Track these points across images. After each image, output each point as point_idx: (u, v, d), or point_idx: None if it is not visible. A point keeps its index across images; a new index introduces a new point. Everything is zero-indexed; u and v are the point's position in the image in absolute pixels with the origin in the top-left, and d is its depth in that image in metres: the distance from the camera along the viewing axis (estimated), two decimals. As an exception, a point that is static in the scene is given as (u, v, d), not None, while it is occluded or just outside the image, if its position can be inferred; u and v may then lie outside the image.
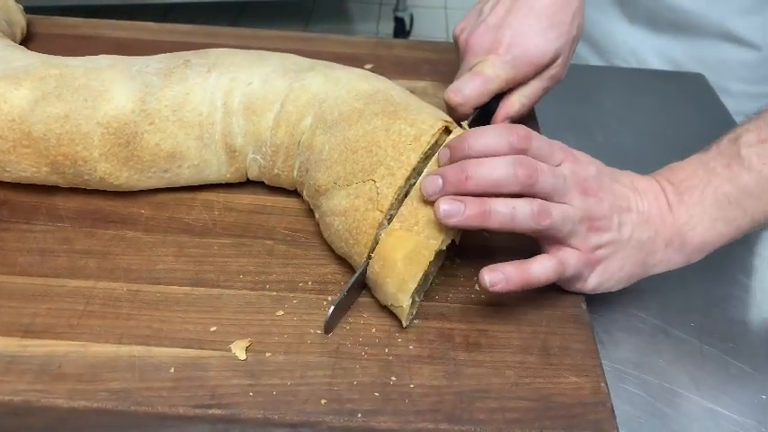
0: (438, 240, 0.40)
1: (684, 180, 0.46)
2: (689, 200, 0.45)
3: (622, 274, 0.45)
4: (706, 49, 0.76)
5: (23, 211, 0.48)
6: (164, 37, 0.68)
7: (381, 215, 0.42)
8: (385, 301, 0.42)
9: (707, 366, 0.46)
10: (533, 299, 0.44)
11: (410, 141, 0.43)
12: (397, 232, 0.41)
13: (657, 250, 0.45)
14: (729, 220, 0.45)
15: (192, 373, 0.38)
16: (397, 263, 0.40)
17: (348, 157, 0.44)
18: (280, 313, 0.42)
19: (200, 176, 0.50)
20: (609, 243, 0.43)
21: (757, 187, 0.44)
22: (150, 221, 0.48)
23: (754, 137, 0.45)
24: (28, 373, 0.37)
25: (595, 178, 0.43)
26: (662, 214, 0.45)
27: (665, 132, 0.69)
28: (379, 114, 0.45)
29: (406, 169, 0.42)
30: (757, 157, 0.44)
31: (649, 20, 0.77)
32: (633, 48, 0.80)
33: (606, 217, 0.43)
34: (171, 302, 0.42)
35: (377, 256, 0.41)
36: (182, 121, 0.47)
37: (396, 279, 0.40)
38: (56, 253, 0.45)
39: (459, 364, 0.40)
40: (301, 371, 0.38)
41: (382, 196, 0.42)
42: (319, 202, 0.46)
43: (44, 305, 0.41)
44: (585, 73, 0.77)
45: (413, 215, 0.41)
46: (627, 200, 0.44)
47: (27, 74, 0.47)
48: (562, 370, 0.40)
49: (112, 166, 0.47)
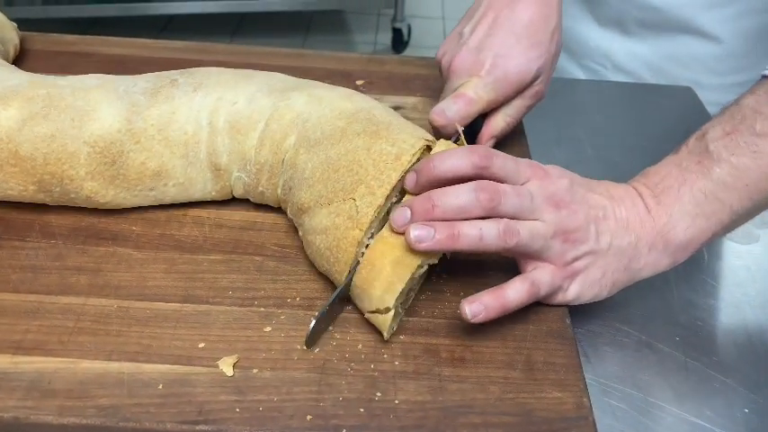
0: None
1: (660, 183, 0.46)
2: (666, 200, 0.45)
3: (605, 282, 0.45)
4: (675, 45, 0.77)
5: (17, 228, 0.48)
6: (159, 53, 0.69)
7: (361, 233, 0.42)
8: (370, 306, 0.42)
9: (691, 380, 0.46)
10: (518, 314, 0.44)
11: (391, 160, 0.44)
12: (386, 239, 0.42)
13: (641, 255, 0.45)
14: (708, 214, 0.45)
15: (180, 389, 0.38)
16: (386, 267, 0.41)
17: (330, 175, 0.45)
18: (267, 329, 0.42)
19: (186, 194, 0.50)
20: (586, 254, 0.44)
21: (730, 177, 0.45)
22: (141, 238, 0.48)
23: (719, 131, 0.46)
24: (18, 390, 0.38)
25: (567, 191, 0.44)
26: (641, 219, 0.45)
27: (654, 146, 0.69)
28: (360, 134, 0.46)
29: (386, 188, 0.43)
30: (725, 149, 0.45)
31: (619, 21, 0.78)
32: (605, 50, 0.81)
33: (581, 228, 0.43)
34: (160, 319, 0.43)
35: (365, 262, 0.42)
36: (167, 140, 0.48)
37: (383, 282, 0.41)
38: (48, 270, 0.45)
39: (444, 379, 0.40)
40: (287, 387, 0.39)
41: (362, 215, 0.43)
42: (302, 220, 0.47)
43: (35, 322, 0.42)
44: (574, 87, 0.78)
45: None
46: (603, 209, 0.45)
47: (15, 94, 0.48)
48: (545, 385, 0.40)
49: (99, 185, 0.48)
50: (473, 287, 0.46)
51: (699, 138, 0.47)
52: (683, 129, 0.72)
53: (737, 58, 0.77)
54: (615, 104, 0.76)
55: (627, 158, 0.67)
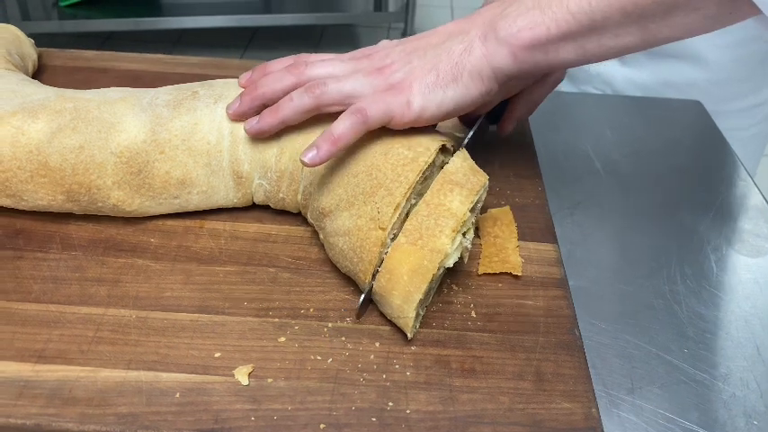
0: (441, 254, 0.42)
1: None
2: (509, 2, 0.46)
3: (444, 79, 0.46)
4: (674, 72, 0.78)
5: (38, 239, 0.50)
6: (174, 69, 0.70)
7: (384, 233, 0.44)
8: (391, 313, 0.44)
9: (699, 392, 0.46)
10: (527, 326, 0.45)
11: (408, 162, 0.45)
12: (402, 246, 0.43)
13: (472, 46, 0.45)
14: (544, 7, 0.44)
15: (197, 397, 0.39)
16: (403, 276, 0.42)
17: (350, 180, 0.46)
18: (282, 339, 0.43)
19: (209, 202, 0.52)
20: (401, 69, 0.46)
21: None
22: (159, 249, 0.50)
23: None
24: (40, 398, 0.39)
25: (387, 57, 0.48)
26: (472, 19, 0.47)
27: (663, 159, 0.70)
28: (377, 140, 0.47)
29: (404, 187, 0.44)
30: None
31: None
32: (605, 77, 0.81)
33: (394, 62, 0.47)
34: (177, 329, 0.44)
35: (384, 270, 0.43)
36: (191, 150, 0.50)
37: (401, 291, 0.42)
38: (68, 281, 0.47)
39: (455, 390, 0.41)
40: (301, 396, 0.40)
41: (383, 215, 0.44)
42: (323, 223, 0.48)
43: (56, 331, 0.43)
44: (583, 101, 0.79)
45: (417, 230, 0.43)
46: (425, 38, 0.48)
47: (43, 107, 0.50)
48: (555, 396, 0.41)
49: (125, 194, 0.49)
50: (484, 299, 0.47)
51: None
52: (692, 142, 0.73)
53: (738, 83, 0.77)
54: (623, 118, 0.76)
55: (636, 172, 0.67)
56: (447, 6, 2.71)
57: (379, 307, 0.45)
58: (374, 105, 0.45)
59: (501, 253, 0.50)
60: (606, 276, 0.54)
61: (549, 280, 0.49)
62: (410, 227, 0.43)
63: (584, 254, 0.56)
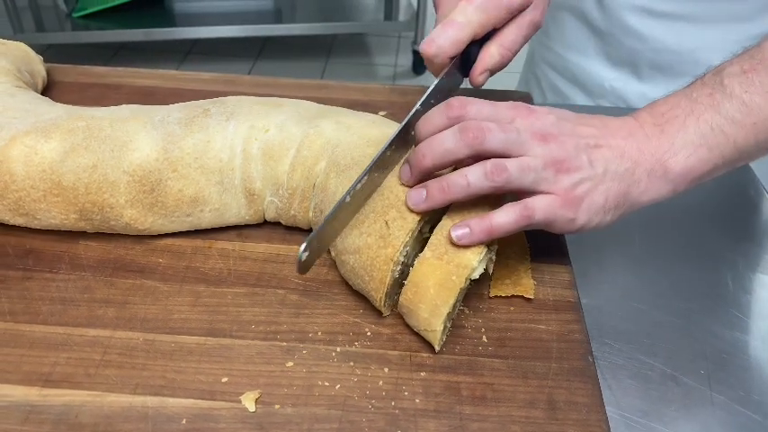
0: (468, 269, 0.42)
1: (666, 112, 0.46)
2: (670, 129, 0.45)
3: (608, 207, 0.45)
4: None
5: (47, 259, 0.50)
6: (186, 85, 0.70)
7: (394, 251, 0.43)
8: (417, 326, 0.43)
9: (717, 414, 0.45)
10: (540, 351, 0.44)
11: None
12: (428, 260, 0.43)
13: (640, 180, 0.45)
14: (712, 146, 0.45)
15: (204, 424, 0.39)
16: (430, 289, 0.42)
17: None
18: (289, 364, 0.43)
19: (221, 219, 0.52)
20: (584, 180, 0.44)
21: (739, 114, 0.45)
22: (168, 270, 0.49)
23: (737, 68, 0.46)
24: (46, 423, 0.39)
25: (554, 125, 0.44)
26: (639, 146, 0.45)
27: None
28: None
29: (417, 213, 0.44)
30: (739, 85, 0.45)
31: (632, 63, 0.78)
32: (620, 92, 0.81)
33: (572, 157, 0.43)
34: (185, 352, 0.43)
35: (410, 284, 0.43)
36: (203, 168, 0.49)
37: (429, 304, 0.42)
38: (77, 302, 0.46)
39: (465, 418, 0.40)
40: (309, 423, 0.39)
41: (394, 237, 0.44)
42: (334, 241, 0.47)
43: (64, 354, 0.43)
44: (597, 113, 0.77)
45: (442, 244, 0.43)
46: (594, 138, 0.45)
47: (56, 126, 0.50)
48: (567, 425, 0.40)
49: (138, 212, 0.49)
50: (495, 323, 0.47)
51: (715, 72, 0.47)
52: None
53: None
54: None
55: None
56: (458, 15, 2.71)
57: (406, 319, 0.45)
58: (543, 213, 0.43)
59: (512, 275, 0.49)
60: (620, 295, 0.54)
61: (562, 303, 0.48)
62: (435, 241, 0.43)
63: (597, 272, 0.55)
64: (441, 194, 0.43)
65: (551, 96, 0.87)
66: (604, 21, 0.77)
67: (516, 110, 0.45)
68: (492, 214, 0.43)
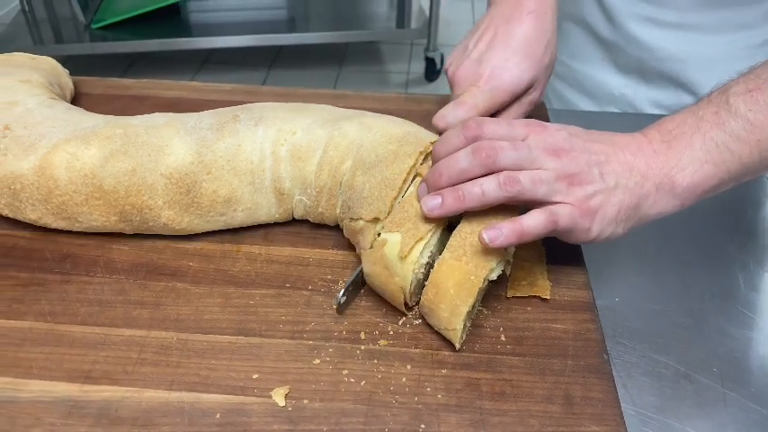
0: (485, 270, 0.44)
1: (673, 129, 0.48)
2: (677, 146, 0.47)
3: (620, 219, 0.47)
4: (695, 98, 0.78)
5: (84, 264, 0.52)
6: (210, 96, 0.73)
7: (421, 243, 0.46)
8: (438, 325, 0.45)
9: (729, 411, 0.46)
10: (556, 349, 0.46)
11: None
12: (447, 262, 0.45)
13: (649, 194, 0.47)
14: (718, 162, 0.46)
15: (236, 418, 0.41)
16: (449, 290, 0.44)
17: (388, 193, 0.48)
18: (316, 362, 0.45)
19: (253, 218, 0.54)
20: (597, 192, 0.46)
21: (744, 131, 0.46)
22: (198, 273, 0.52)
23: (742, 87, 0.47)
24: (88, 417, 0.41)
25: (566, 140, 0.47)
26: (647, 162, 0.47)
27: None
28: (412, 154, 0.50)
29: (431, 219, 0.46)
30: (744, 104, 0.46)
31: (639, 70, 0.80)
32: (629, 99, 0.82)
33: (584, 171, 0.46)
34: (217, 351, 0.45)
35: (430, 284, 0.45)
36: (235, 170, 0.52)
37: (449, 304, 0.44)
38: (113, 304, 0.49)
39: (485, 412, 0.42)
40: (336, 417, 0.41)
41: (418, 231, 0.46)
42: (357, 239, 0.50)
43: (102, 353, 0.45)
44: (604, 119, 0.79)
45: (461, 246, 0.45)
46: (605, 154, 0.47)
47: (95, 134, 0.52)
48: (584, 419, 0.42)
49: (175, 213, 0.52)
50: (513, 322, 0.48)
51: (721, 91, 0.49)
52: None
53: None
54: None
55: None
56: (469, 22, 2.73)
57: (427, 319, 0.47)
58: (566, 220, 0.45)
59: (529, 276, 0.51)
60: (633, 295, 0.55)
61: (578, 303, 0.50)
62: (454, 243, 0.45)
63: (611, 274, 0.57)
64: (456, 203, 0.45)
65: (557, 103, 0.88)
66: (610, 31, 0.79)
67: (530, 127, 0.47)
68: (522, 218, 0.45)
